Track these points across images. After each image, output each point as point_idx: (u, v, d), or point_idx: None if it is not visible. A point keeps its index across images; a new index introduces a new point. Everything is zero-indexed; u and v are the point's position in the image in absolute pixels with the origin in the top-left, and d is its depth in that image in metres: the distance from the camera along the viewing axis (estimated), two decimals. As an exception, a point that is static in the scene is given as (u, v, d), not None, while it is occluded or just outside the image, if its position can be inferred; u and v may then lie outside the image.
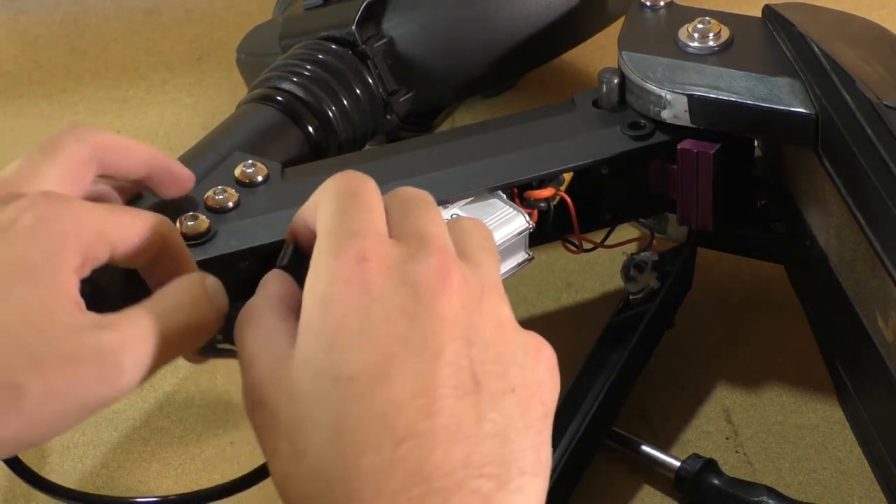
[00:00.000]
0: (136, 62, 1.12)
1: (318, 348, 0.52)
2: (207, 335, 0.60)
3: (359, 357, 0.50)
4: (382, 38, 0.86)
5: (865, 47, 0.75)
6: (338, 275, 0.52)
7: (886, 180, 0.68)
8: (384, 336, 0.51)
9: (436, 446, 0.49)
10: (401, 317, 0.51)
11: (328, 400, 0.51)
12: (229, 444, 0.83)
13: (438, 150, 0.77)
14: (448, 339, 0.51)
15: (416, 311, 0.51)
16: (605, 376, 0.78)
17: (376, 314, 0.51)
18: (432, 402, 0.50)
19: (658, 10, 0.81)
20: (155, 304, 0.58)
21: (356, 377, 0.50)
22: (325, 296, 0.52)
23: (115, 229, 0.59)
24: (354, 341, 0.51)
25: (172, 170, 0.67)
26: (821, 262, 0.78)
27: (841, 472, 0.78)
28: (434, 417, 0.50)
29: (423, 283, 0.52)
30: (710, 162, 0.77)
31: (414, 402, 0.50)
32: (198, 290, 0.59)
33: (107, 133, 0.64)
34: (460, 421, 0.50)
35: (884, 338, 0.72)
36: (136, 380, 0.56)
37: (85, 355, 0.55)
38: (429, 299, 0.51)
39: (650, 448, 0.78)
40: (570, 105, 0.80)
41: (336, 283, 0.52)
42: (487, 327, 0.53)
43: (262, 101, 0.82)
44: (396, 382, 0.50)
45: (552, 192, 0.76)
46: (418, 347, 0.51)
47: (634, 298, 0.82)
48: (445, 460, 0.49)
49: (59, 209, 0.58)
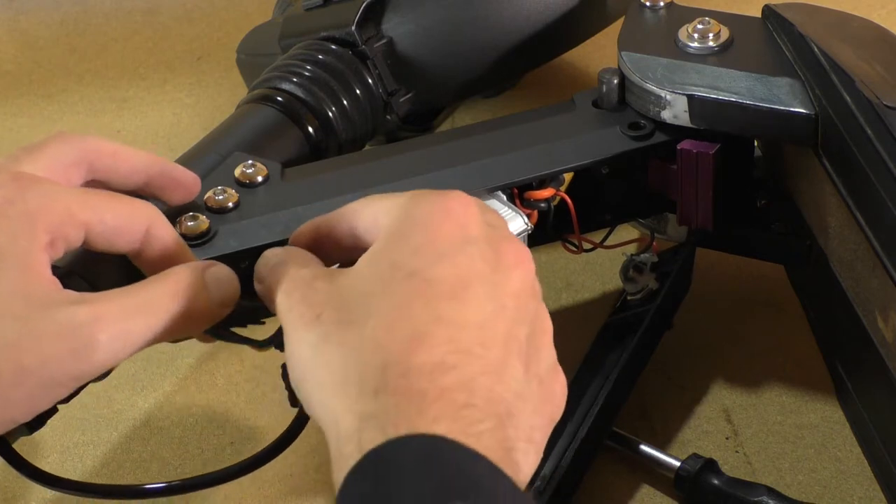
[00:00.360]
0: (136, 62, 1.12)
1: (402, 248, 0.54)
2: (202, 323, 0.60)
3: (442, 270, 0.53)
4: (382, 39, 0.86)
5: (865, 47, 0.75)
6: (445, 204, 0.55)
7: (886, 180, 0.68)
8: (467, 268, 0.54)
9: (485, 374, 0.52)
10: (484, 263, 0.54)
11: (398, 288, 0.53)
12: (229, 444, 0.83)
13: (438, 150, 0.77)
14: (511, 298, 0.54)
15: (495, 267, 0.54)
16: (605, 377, 0.78)
17: (466, 249, 0.54)
18: (491, 336, 0.53)
19: (658, 10, 0.81)
20: (140, 288, 0.58)
21: (434, 281, 0.53)
22: (423, 213, 0.55)
23: (84, 209, 0.59)
24: (444, 257, 0.53)
25: (175, 175, 0.67)
26: (821, 262, 0.78)
27: (841, 472, 0.78)
28: (490, 350, 0.52)
29: (503, 253, 0.55)
30: (710, 162, 0.77)
31: (476, 327, 0.52)
32: (192, 278, 0.59)
33: (99, 138, 0.64)
34: (506, 368, 0.53)
35: (884, 338, 0.72)
36: (111, 356, 0.56)
37: (56, 331, 0.55)
38: (505, 267, 0.55)
39: (650, 448, 0.78)
40: (570, 105, 0.80)
41: (437, 209, 0.55)
42: (532, 322, 0.56)
43: (261, 101, 0.82)
44: (466, 305, 0.53)
45: (552, 192, 0.76)
46: (489, 294, 0.54)
47: (632, 299, 0.82)
48: (490, 388, 0.52)
49: (26, 189, 0.58)
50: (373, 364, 0.51)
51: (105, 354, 0.56)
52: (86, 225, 0.59)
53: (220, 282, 0.60)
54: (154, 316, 0.58)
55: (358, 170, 0.76)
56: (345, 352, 0.52)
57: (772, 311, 0.87)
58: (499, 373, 0.52)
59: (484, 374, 0.52)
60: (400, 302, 0.52)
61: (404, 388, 0.50)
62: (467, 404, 0.51)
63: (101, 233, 0.60)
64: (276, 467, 0.80)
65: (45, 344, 0.55)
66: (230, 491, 0.80)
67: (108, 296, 0.57)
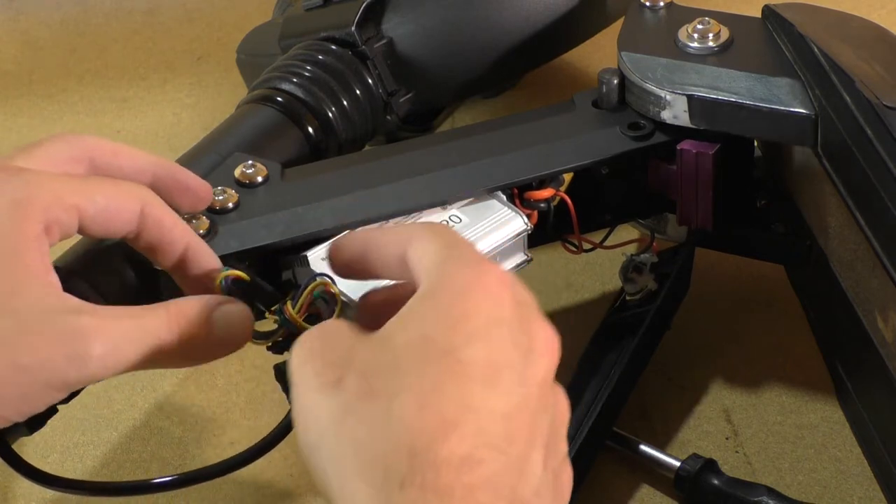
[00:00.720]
0: (136, 62, 1.12)
1: (438, 319, 0.51)
2: (202, 359, 0.60)
3: (476, 351, 0.51)
4: (382, 39, 0.86)
5: (865, 47, 0.75)
6: (481, 278, 0.52)
7: (886, 180, 0.68)
8: (500, 351, 0.51)
9: (509, 471, 0.50)
10: (514, 348, 0.52)
11: (431, 367, 0.50)
12: (229, 444, 0.83)
13: (438, 151, 0.77)
14: (536, 388, 0.52)
15: (525, 353, 0.52)
16: (605, 378, 0.78)
17: (499, 331, 0.52)
18: (516, 429, 0.50)
19: (658, 10, 0.81)
20: (142, 312, 0.58)
21: (468, 363, 0.50)
22: (460, 282, 0.52)
23: (73, 192, 0.59)
24: (477, 338, 0.51)
25: (184, 179, 0.65)
26: (821, 262, 0.78)
27: (841, 472, 0.78)
28: (514, 444, 0.50)
29: (534, 338, 0.53)
30: (710, 162, 0.77)
31: (503, 418, 0.50)
32: (198, 314, 0.59)
33: (98, 137, 0.63)
34: (527, 464, 0.51)
35: (883, 338, 0.72)
36: (102, 371, 0.56)
37: (53, 334, 0.55)
38: (535, 354, 0.52)
39: (650, 448, 0.78)
40: (569, 105, 0.80)
41: (476, 285, 0.52)
42: (554, 411, 0.53)
43: (261, 101, 0.82)
44: (495, 393, 0.50)
45: (552, 192, 0.76)
46: (517, 382, 0.51)
47: (631, 299, 0.82)
48: (513, 488, 0.50)
49: (11, 178, 0.58)
50: (400, 448, 0.49)
51: (96, 368, 0.56)
52: (77, 208, 0.59)
53: (228, 321, 0.59)
54: (149, 344, 0.57)
55: (358, 170, 0.76)
56: (370, 430, 0.49)
57: (772, 311, 0.87)
58: (521, 469, 0.50)
59: (507, 472, 0.50)
60: (433, 382, 0.50)
61: (432, 483, 0.48)
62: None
63: (94, 215, 0.59)
64: (276, 467, 0.80)
65: (42, 345, 0.55)
66: (230, 491, 0.80)
67: (108, 312, 0.57)
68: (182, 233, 0.62)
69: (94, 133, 1.04)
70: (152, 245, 0.62)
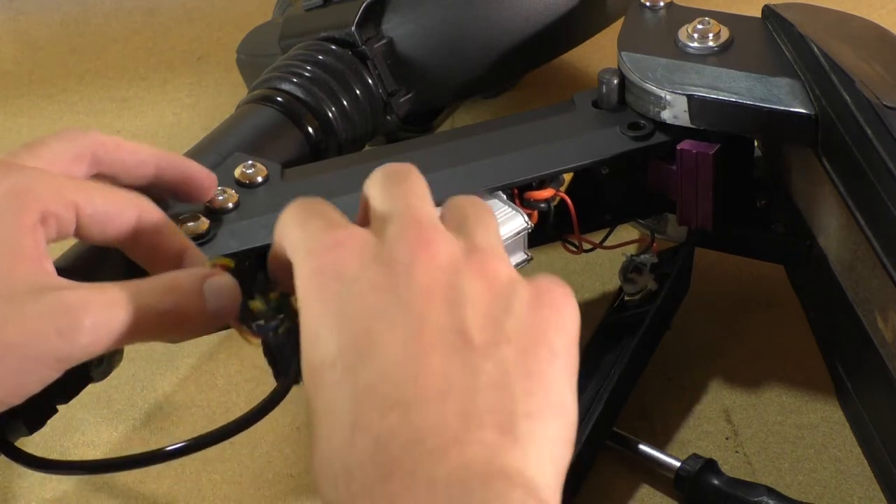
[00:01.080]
0: (136, 62, 1.12)
1: (307, 343, 0.51)
2: (194, 330, 0.60)
3: (337, 341, 0.50)
4: (382, 39, 0.86)
5: (865, 47, 0.75)
6: (312, 267, 0.52)
7: (886, 180, 0.68)
8: (359, 314, 0.50)
9: (427, 408, 0.48)
10: (373, 292, 0.50)
11: (322, 389, 0.50)
12: (229, 444, 0.82)
13: (438, 151, 0.77)
14: (427, 303, 0.50)
15: (390, 284, 0.50)
16: (605, 378, 0.77)
17: (350, 295, 0.50)
18: (417, 367, 0.49)
19: (658, 10, 0.81)
20: (133, 283, 0.58)
21: (337, 362, 0.49)
22: (304, 292, 0.51)
23: (73, 190, 0.59)
24: (334, 328, 0.50)
25: (187, 170, 0.66)
26: (821, 262, 0.78)
27: (841, 472, 0.78)
28: (420, 380, 0.48)
29: (395, 257, 0.51)
30: (710, 162, 0.77)
31: (397, 370, 0.48)
32: (189, 284, 0.59)
33: (104, 134, 0.64)
34: (450, 379, 0.48)
35: (883, 338, 0.72)
36: (94, 342, 0.56)
37: (42, 310, 0.56)
38: (403, 271, 0.50)
39: (650, 448, 0.78)
40: (569, 105, 0.80)
41: (312, 277, 0.51)
42: (475, 286, 0.51)
43: (261, 101, 0.82)
44: (377, 356, 0.49)
45: (552, 192, 0.76)
46: (397, 318, 0.49)
47: (631, 299, 0.82)
48: (439, 420, 0.48)
49: (14, 172, 0.58)
50: (333, 473, 0.49)
51: (88, 338, 0.56)
52: (76, 205, 0.59)
53: (219, 292, 0.59)
54: (141, 311, 0.57)
55: (358, 170, 0.75)
56: (320, 464, 0.50)
57: (772, 311, 0.87)
58: (460, 394, 0.48)
59: (438, 406, 0.48)
60: (327, 404, 0.50)
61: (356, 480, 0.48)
62: (426, 452, 0.47)
63: (93, 216, 0.60)
64: (275, 467, 0.80)
65: (30, 321, 0.55)
66: (230, 491, 0.80)
67: (99, 286, 0.58)
68: (179, 241, 0.63)
69: (94, 133, 1.04)
70: (148, 252, 0.62)
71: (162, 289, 0.59)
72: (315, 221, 0.54)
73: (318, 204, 0.56)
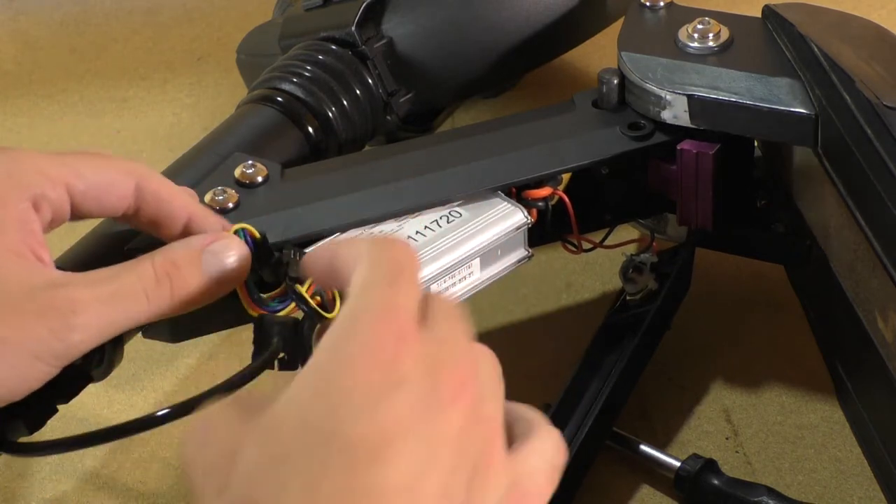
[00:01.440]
0: (136, 62, 1.12)
1: (319, 403, 0.46)
2: (196, 302, 0.59)
3: (364, 428, 0.45)
4: (382, 39, 0.86)
5: (865, 47, 0.75)
6: (371, 344, 0.47)
7: (886, 180, 0.68)
8: (393, 420, 0.46)
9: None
10: (414, 407, 0.46)
11: (314, 455, 0.45)
12: (229, 445, 0.83)
13: (438, 150, 0.77)
14: (448, 444, 0.47)
15: (428, 406, 0.47)
16: (605, 378, 0.78)
17: (392, 396, 0.46)
18: (421, 499, 0.46)
19: (658, 10, 0.81)
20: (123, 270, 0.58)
21: (355, 446, 0.45)
22: (348, 357, 0.47)
23: (57, 166, 0.58)
24: (365, 412, 0.46)
25: (209, 221, 0.64)
26: (821, 262, 0.78)
27: (841, 472, 0.78)
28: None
29: (442, 382, 0.47)
30: (710, 162, 0.77)
31: (403, 492, 0.45)
32: (185, 257, 0.58)
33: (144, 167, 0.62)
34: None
35: (884, 338, 0.72)
36: (89, 338, 0.56)
37: (35, 309, 0.55)
38: (443, 403, 0.47)
39: (650, 448, 0.78)
40: (569, 105, 0.80)
41: (367, 352, 0.47)
42: (478, 457, 0.48)
43: (261, 101, 0.82)
44: (390, 467, 0.45)
45: (550, 191, 0.76)
46: (420, 444, 0.46)
47: (632, 299, 0.82)
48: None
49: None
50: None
51: (83, 335, 0.56)
52: (65, 184, 0.58)
53: (219, 257, 0.59)
54: (135, 302, 0.57)
55: (358, 170, 0.76)
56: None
57: (772, 311, 0.87)
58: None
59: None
60: (315, 476, 0.44)
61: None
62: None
63: (85, 191, 0.59)
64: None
65: (24, 321, 0.55)
66: (230, 491, 0.80)
67: (93, 277, 0.57)
68: (182, 204, 0.62)
69: (93, 133, 1.04)
70: (153, 220, 0.61)
71: (156, 269, 0.58)
72: (401, 289, 0.49)
73: (411, 266, 0.50)
